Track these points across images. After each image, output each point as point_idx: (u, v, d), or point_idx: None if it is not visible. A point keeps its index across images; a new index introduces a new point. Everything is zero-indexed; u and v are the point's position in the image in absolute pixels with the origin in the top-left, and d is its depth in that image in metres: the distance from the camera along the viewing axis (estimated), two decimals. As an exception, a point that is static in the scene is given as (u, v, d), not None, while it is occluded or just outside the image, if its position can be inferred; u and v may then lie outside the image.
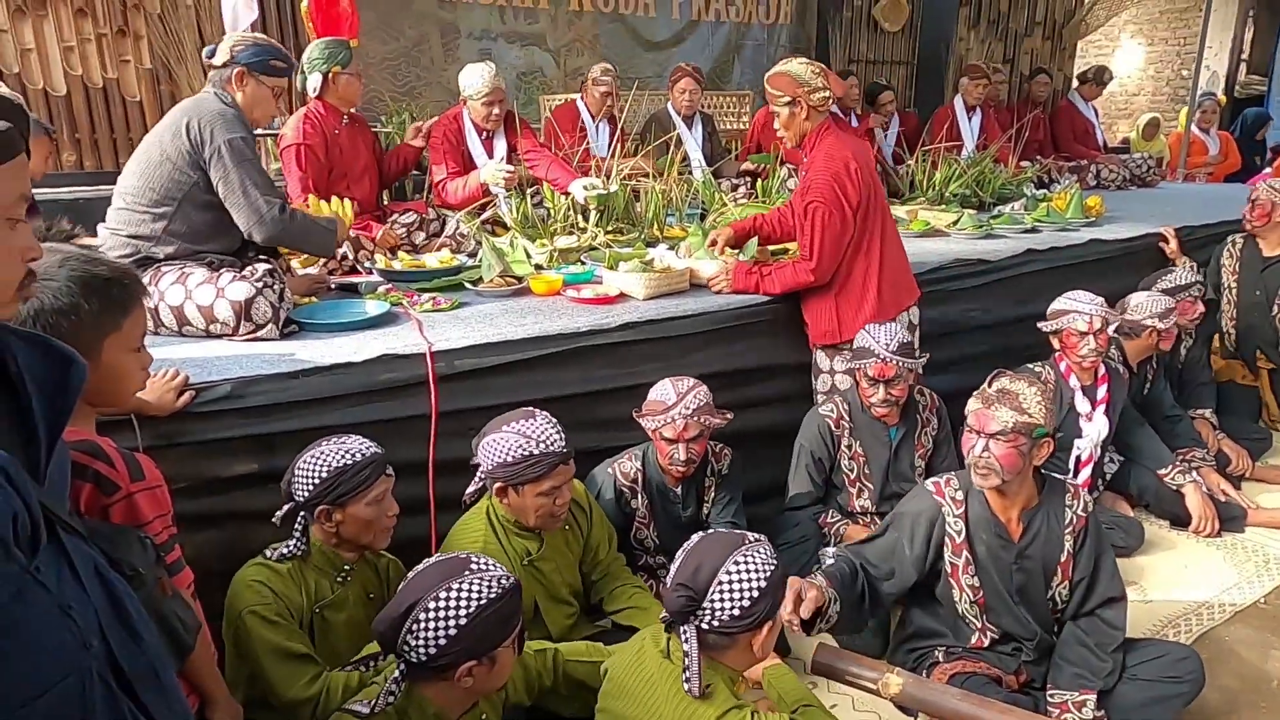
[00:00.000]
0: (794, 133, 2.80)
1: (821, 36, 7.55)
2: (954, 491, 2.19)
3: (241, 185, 2.41)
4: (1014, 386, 2.07)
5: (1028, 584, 2.15)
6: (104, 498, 1.32)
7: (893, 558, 2.20)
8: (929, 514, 2.19)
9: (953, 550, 2.16)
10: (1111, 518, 3.12)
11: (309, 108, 3.55)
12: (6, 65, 4.18)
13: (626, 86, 4.99)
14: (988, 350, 3.60)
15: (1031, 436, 2.03)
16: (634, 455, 2.51)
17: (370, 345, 2.40)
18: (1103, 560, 2.14)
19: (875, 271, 2.83)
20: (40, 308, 1.29)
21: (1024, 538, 2.14)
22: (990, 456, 2.03)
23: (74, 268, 1.33)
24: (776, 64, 2.83)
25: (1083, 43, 9.45)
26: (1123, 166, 6.52)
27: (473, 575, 1.54)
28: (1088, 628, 2.14)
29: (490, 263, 3.06)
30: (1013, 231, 4.37)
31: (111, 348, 1.37)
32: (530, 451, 1.97)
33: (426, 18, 5.76)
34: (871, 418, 2.74)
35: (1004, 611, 2.17)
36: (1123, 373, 3.26)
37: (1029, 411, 2.03)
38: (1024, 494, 2.13)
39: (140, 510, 1.36)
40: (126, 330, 1.40)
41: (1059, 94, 7.88)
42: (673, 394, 2.37)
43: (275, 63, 2.54)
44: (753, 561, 1.60)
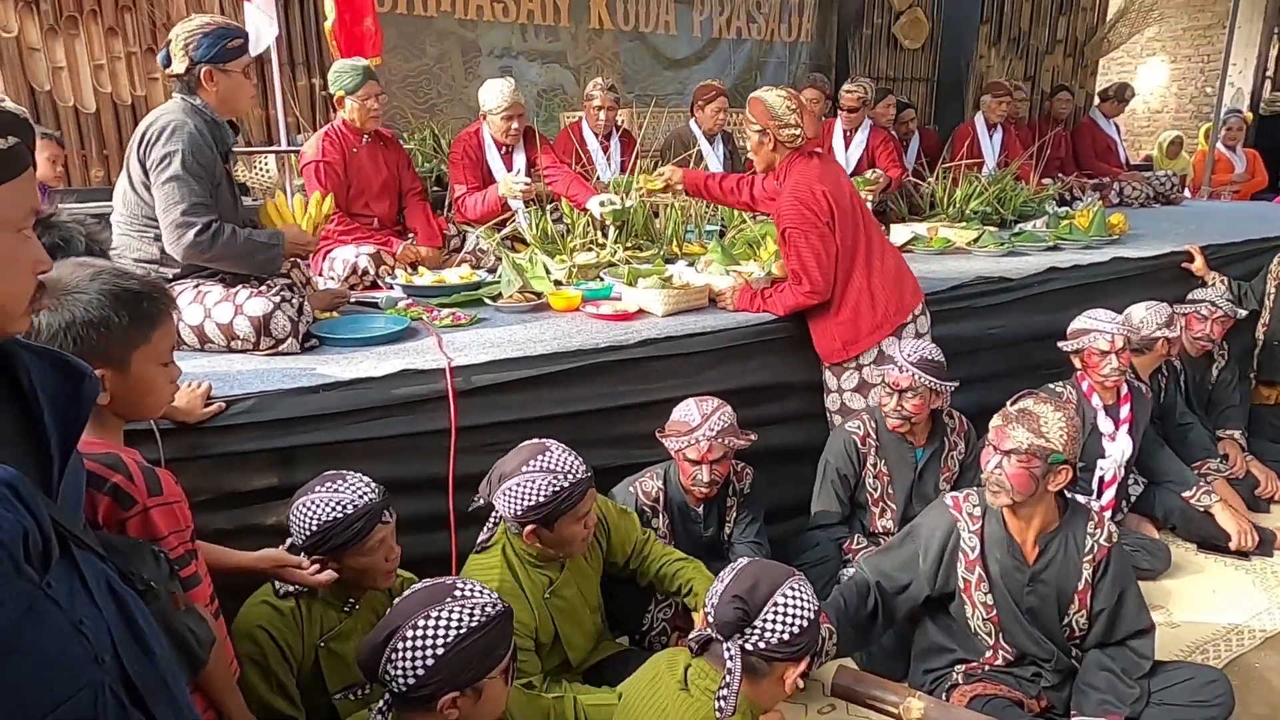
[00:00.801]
0: (760, 159, 2.85)
1: (841, 53, 7.57)
2: (971, 507, 2.17)
3: (165, 201, 2.31)
4: (1037, 409, 2.04)
5: (1041, 607, 2.12)
6: (121, 511, 1.33)
7: (908, 571, 2.19)
8: (945, 528, 2.17)
9: (966, 566, 2.14)
10: (1137, 540, 3.07)
11: (331, 125, 3.59)
12: (39, 83, 4.25)
13: (645, 104, 5.00)
14: (1009, 368, 3.57)
15: (1046, 460, 2.00)
16: (655, 474, 2.49)
17: (390, 360, 2.40)
18: (1127, 593, 2.10)
19: (871, 284, 2.84)
20: (71, 320, 1.31)
21: (1038, 561, 2.11)
22: (1002, 474, 2.02)
23: (105, 281, 1.35)
24: (759, 89, 2.86)
25: (1105, 60, 9.41)
26: (1146, 184, 6.46)
27: (455, 602, 1.45)
28: (1115, 655, 2.10)
29: (510, 278, 3.07)
30: (1034, 249, 4.33)
31: (140, 360, 1.39)
32: (561, 486, 1.91)
33: (448, 36, 5.82)
34: (898, 437, 2.71)
35: (1018, 631, 2.14)
36: (1145, 391, 3.22)
37: (1046, 435, 2.00)
38: (1041, 516, 2.10)
39: (156, 525, 1.36)
40: (155, 343, 1.41)
41: (1080, 111, 7.84)
42: (697, 415, 2.35)
43: (233, 44, 2.39)
44: (805, 592, 1.60)
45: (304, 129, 4.87)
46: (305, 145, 3.65)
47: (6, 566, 0.81)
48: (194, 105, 2.39)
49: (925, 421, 2.72)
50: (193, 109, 2.39)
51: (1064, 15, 8.37)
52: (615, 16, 6.52)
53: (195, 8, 4.59)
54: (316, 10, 4.73)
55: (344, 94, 3.48)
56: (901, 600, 2.20)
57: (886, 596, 2.18)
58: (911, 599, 2.20)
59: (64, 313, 1.30)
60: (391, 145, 3.77)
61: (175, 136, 2.31)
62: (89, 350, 1.30)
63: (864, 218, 2.90)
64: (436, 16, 5.72)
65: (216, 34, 2.36)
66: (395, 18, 5.49)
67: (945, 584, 2.18)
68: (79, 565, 0.92)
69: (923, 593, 2.18)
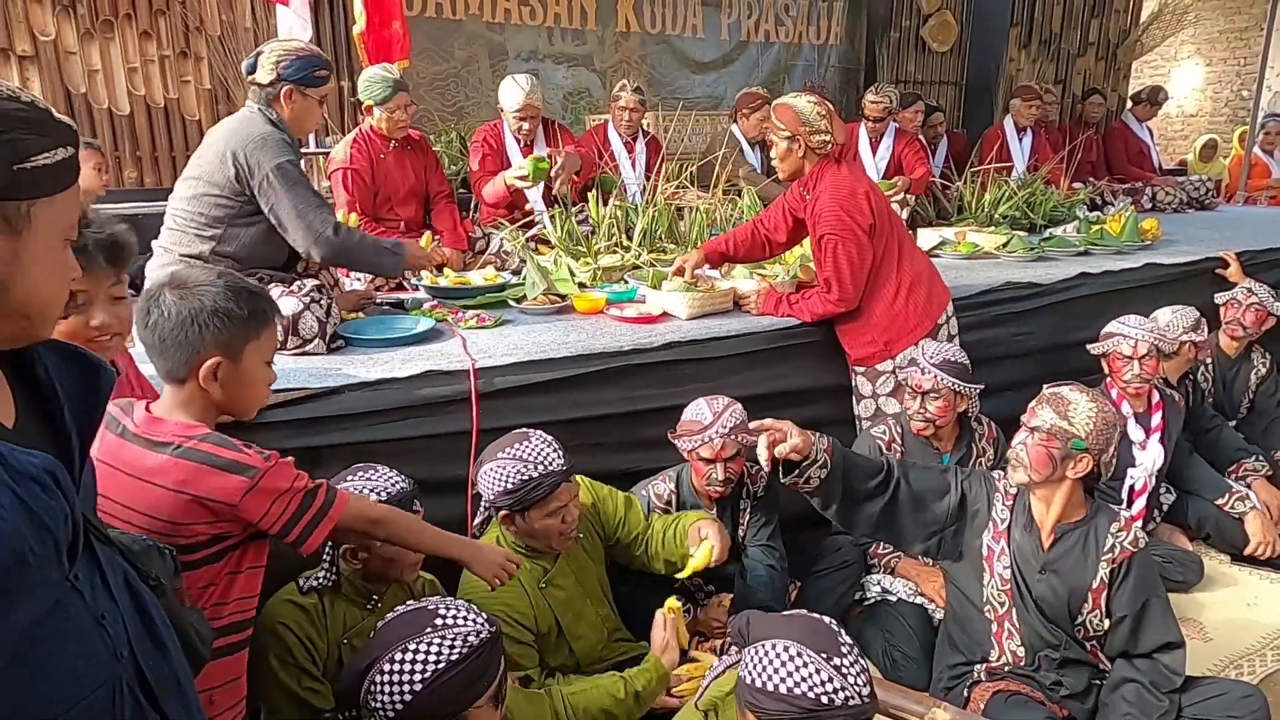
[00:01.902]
0: (788, 167, 2.81)
1: (869, 57, 7.52)
2: (1009, 485, 2.18)
3: (295, 209, 2.43)
4: (1069, 395, 2.06)
5: (1049, 597, 2.09)
6: (248, 480, 1.40)
7: (935, 494, 2.18)
8: (985, 488, 2.19)
9: (993, 535, 2.15)
10: (1168, 551, 3.01)
11: (359, 130, 3.61)
12: (74, 86, 4.32)
13: (671, 107, 5.00)
14: (1039, 376, 3.49)
15: (1066, 444, 1.99)
16: (668, 477, 2.48)
17: (415, 361, 2.42)
18: (1152, 604, 2.06)
19: (905, 286, 2.83)
20: (200, 307, 1.42)
21: (1053, 549, 2.09)
22: (1023, 449, 2.04)
23: (229, 279, 1.48)
24: (785, 95, 2.85)
25: (1138, 63, 9.27)
26: (1179, 189, 6.36)
27: (435, 633, 1.40)
28: (1143, 667, 2.06)
29: (534, 280, 3.08)
30: (1064, 254, 4.28)
31: (251, 354, 1.49)
32: (529, 475, 1.93)
33: (476, 39, 5.85)
34: (924, 443, 2.69)
35: (1028, 614, 2.13)
36: (1178, 399, 3.16)
37: (1071, 419, 2.01)
38: (1060, 504, 2.08)
39: (282, 477, 1.45)
40: (264, 341, 1.52)
41: (1112, 115, 7.73)
42: (709, 413, 2.35)
43: (319, 73, 2.53)
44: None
45: (333, 131, 4.91)
46: (334, 150, 3.68)
47: (50, 552, 0.82)
48: (270, 118, 2.49)
49: (952, 426, 2.69)
50: (270, 121, 2.48)
51: (1096, 18, 8.25)
52: (642, 19, 6.52)
53: (227, 11, 4.65)
54: (346, 14, 4.77)
55: (373, 104, 3.50)
56: (908, 519, 2.16)
57: (898, 497, 2.15)
58: (918, 522, 2.17)
59: (194, 300, 1.42)
60: (419, 148, 3.79)
61: (280, 148, 2.44)
62: (212, 337, 1.42)
63: (895, 222, 2.89)
64: (465, 19, 5.75)
65: (308, 60, 2.51)
66: (424, 21, 5.52)
67: (956, 538, 2.18)
68: (99, 559, 0.93)
69: (934, 528, 2.17)
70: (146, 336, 1.44)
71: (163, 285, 1.45)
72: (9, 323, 0.88)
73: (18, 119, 0.84)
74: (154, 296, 1.44)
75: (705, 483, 2.38)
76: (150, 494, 1.37)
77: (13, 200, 0.84)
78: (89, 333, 1.51)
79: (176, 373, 1.44)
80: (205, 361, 1.42)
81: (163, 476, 1.37)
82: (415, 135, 3.79)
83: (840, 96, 7.75)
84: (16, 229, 0.85)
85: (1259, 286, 3.66)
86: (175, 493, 1.37)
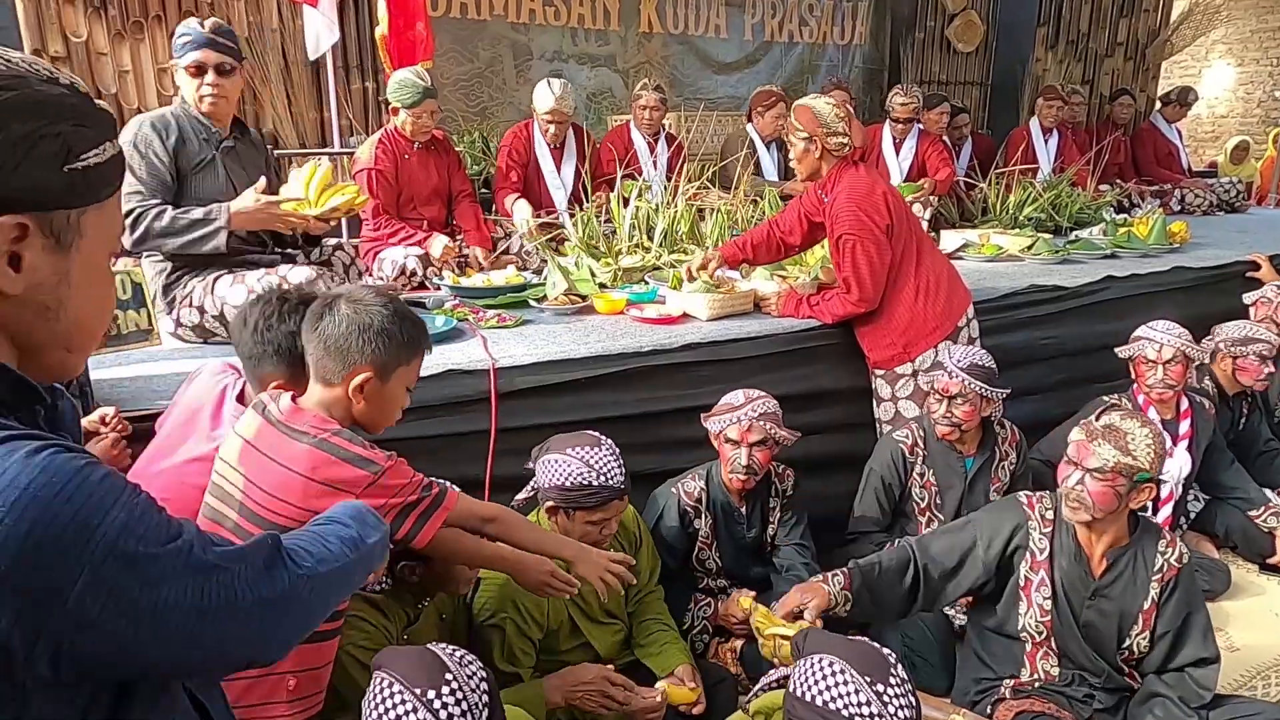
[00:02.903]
0: (805, 168, 2.81)
1: (894, 57, 7.47)
2: (1045, 509, 2.12)
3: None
4: (1124, 425, 1.97)
5: (1099, 622, 2.06)
6: (375, 476, 1.46)
7: (961, 556, 2.13)
8: (1014, 522, 2.12)
9: (1031, 566, 2.09)
10: (1195, 560, 2.95)
11: (385, 131, 3.64)
12: (105, 86, 4.38)
13: (691, 107, 5.00)
14: (1064, 380, 3.49)
15: (1132, 479, 1.93)
16: (698, 475, 2.49)
17: (435, 360, 2.42)
18: (1194, 617, 2.03)
19: (925, 288, 2.81)
20: (369, 323, 1.49)
21: (1105, 575, 2.05)
22: (1084, 491, 1.95)
23: (399, 305, 1.55)
24: (806, 96, 2.86)
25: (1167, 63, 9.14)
26: (1209, 191, 6.27)
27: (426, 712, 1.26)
28: (1173, 682, 2.02)
29: (555, 280, 3.09)
30: (1090, 257, 4.22)
31: (399, 377, 1.55)
32: (589, 481, 1.94)
33: (500, 39, 5.88)
34: (947, 446, 2.67)
35: (1070, 641, 2.09)
36: (1208, 407, 3.10)
37: (1134, 453, 1.93)
38: (1114, 532, 2.04)
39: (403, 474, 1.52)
40: (412, 368, 1.58)
41: (1141, 116, 7.63)
42: (742, 397, 2.38)
43: (180, 39, 2.51)
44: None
45: (357, 132, 4.95)
46: (359, 150, 3.70)
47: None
48: (180, 101, 2.56)
49: (976, 430, 2.67)
50: (177, 106, 2.56)
51: (1125, 17, 8.15)
52: (665, 20, 6.52)
53: (254, 13, 4.69)
54: (371, 16, 4.81)
55: (400, 106, 3.52)
56: (949, 587, 2.13)
57: (930, 579, 2.12)
58: (959, 587, 2.14)
59: (364, 316, 1.49)
60: (442, 148, 3.82)
61: (130, 127, 2.46)
62: (370, 353, 1.48)
63: (914, 224, 2.88)
64: (489, 20, 5.78)
65: (180, 33, 2.51)
66: (448, 21, 5.56)
67: (1001, 579, 2.13)
68: None
69: (977, 581, 2.13)
70: (312, 339, 1.52)
71: (340, 296, 1.54)
72: (47, 355, 0.79)
73: (64, 107, 0.73)
74: (330, 303, 1.53)
75: (730, 470, 2.37)
76: (288, 480, 1.44)
77: (63, 210, 0.74)
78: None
79: (330, 376, 1.51)
80: (358, 374, 1.50)
81: (298, 463, 1.44)
82: (439, 135, 3.81)
83: (864, 97, 7.70)
84: (66, 245, 0.75)
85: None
86: (306, 479, 1.43)
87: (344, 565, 1.03)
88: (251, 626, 0.86)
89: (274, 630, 0.90)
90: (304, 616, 0.95)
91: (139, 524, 0.75)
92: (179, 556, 0.78)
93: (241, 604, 0.84)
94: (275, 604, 0.88)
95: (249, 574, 0.85)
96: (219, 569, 0.82)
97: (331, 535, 1.06)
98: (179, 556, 0.78)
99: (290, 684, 1.50)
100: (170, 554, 0.77)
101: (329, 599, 1.00)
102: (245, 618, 0.85)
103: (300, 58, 4.75)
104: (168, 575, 0.76)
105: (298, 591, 0.92)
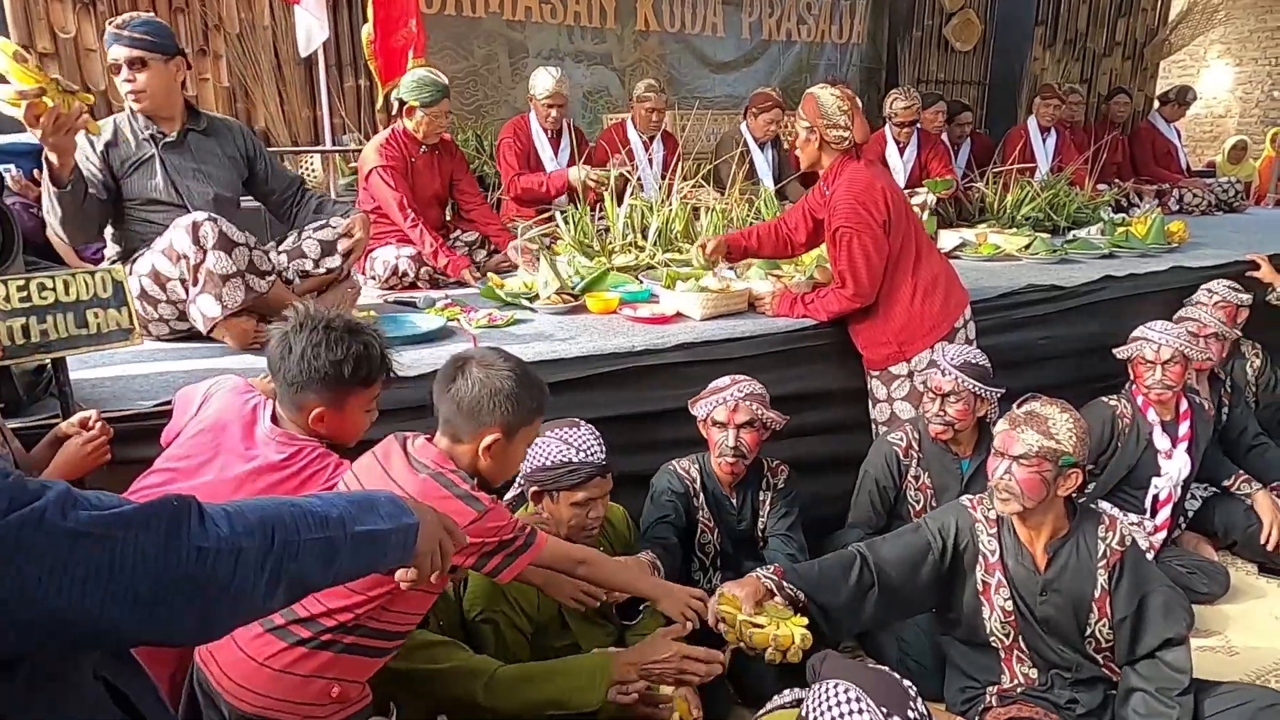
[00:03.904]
0: (806, 157, 2.81)
1: (891, 56, 7.44)
2: (986, 510, 2.11)
3: None
4: (1044, 411, 1.99)
5: (1057, 618, 2.04)
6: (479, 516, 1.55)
7: (916, 556, 2.08)
8: (964, 526, 2.10)
9: (985, 569, 2.08)
10: (1193, 562, 2.93)
11: (392, 131, 3.55)
12: (94, 83, 4.35)
13: (687, 106, 4.96)
14: (1060, 381, 3.45)
15: (1056, 463, 1.94)
16: (692, 459, 2.50)
17: (425, 359, 2.39)
18: (1151, 599, 2.00)
19: (922, 288, 2.79)
20: (499, 389, 1.60)
21: (1049, 569, 2.03)
22: (1012, 480, 1.96)
23: (522, 368, 1.66)
24: (813, 86, 2.81)
25: (1166, 63, 9.12)
26: (1208, 191, 6.24)
27: None
28: (1147, 672, 1.99)
29: (547, 279, 3.05)
30: (1088, 257, 4.20)
31: (522, 436, 1.67)
32: (569, 458, 1.97)
33: (496, 37, 5.84)
34: (942, 448, 2.63)
35: (1035, 639, 2.07)
36: (1208, 408, 3.07)
37: (1056, 437, 1.95)
38: (1050, 523, 2.03)
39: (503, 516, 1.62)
40: (533, 428, 1.70)
41: (1139, 115, 7.61)
42: (728, 380, 2.39)
43: (114, 27, 2.49)
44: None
45: (349, 130, 4.92)
46: (364, 152, 3.59)
47: None
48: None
49: (971, 431, 2.64)
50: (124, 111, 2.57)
51: (1124, 16, 8.13)
52: (662, 18, 6.49)
53: (246, 10, 4.66)
54: (363, 13, 4.77)
55: (417, 105, 3.43)
56: (907, 590, 2.08)
57: (884, 577, 2.06)
58: (918, 590, 2.09)
59: (494, 381, 1.60)
60: (448, 151, 3.74)
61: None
62: (500, 416, 1.60)
63: (914, 222, 2.85)
64: (484, 17, 5.74)
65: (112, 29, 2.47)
66: (443, 19, 5.52)
67: (957, 586, 2.10)
68: None
69: (924, 598, 2.11)
70: (445, 399, 1.63)
71: (470, 359, 1.65)
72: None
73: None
74: (461, 367, 1.64)
75: (718, 454, 2.37)
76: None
77: None
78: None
79: (460, 435, 1.62)
80: (487, 435, 1.61)
81: (409, 485, 1.53)
82: (446, 138, 3.74)
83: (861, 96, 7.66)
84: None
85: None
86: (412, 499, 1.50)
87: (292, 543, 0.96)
88: (149, 601, 0.81)
89: (185, 606, 0.84)
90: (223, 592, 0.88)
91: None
92: (27, 527, 0.75)
93: (124, 575, 0.79)
94: (179, 577, 0.83)
95: (144, 546, 0.81)
96: (89, 537, 0.78)
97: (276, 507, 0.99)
98: (27, 527, 0.75)
99: (334, 691, 1.55)
100: (16, 524, 0.74)
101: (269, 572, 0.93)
102: (135, 591, 0.80)
103: (292, 55, 4.72)
104: (16, 550, 0.74)
105: (209, 564, 0.86)
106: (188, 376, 2.13)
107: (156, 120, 2.59)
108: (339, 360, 1.64)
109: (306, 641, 1.50)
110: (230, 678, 1.51)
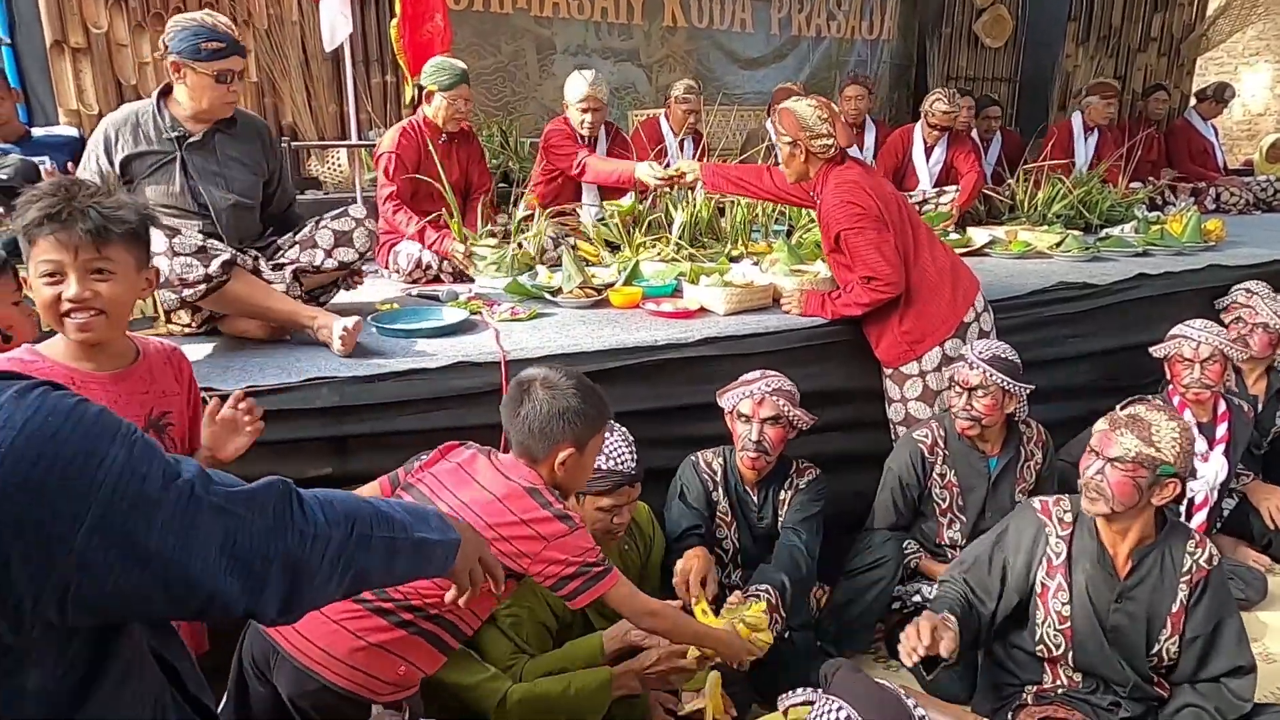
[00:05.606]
0: (792, 171, 2.77)
1: (921, 52, 7.36)
2: (1062, 512, 2.04)
3: None
4: (1148, 416, 1.89)
5: (1126, 626, 1.98)
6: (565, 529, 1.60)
7: (996, 584, 2.06)
8: (1032, 531, 2.05)
9: (1047, 571, 2.02)
10: (1230, 566, 2.85)
11: (411, 120, 3.56)
12: (125, 77, 4.40)
13: (711, 100, 4.94)
14: (1093, 381, 3.39)
15: (1154, 471, 1.86)
16: (717, 451, 2.49)
17: (447, 352, 2.39)
18: (1227, 623, 1.94)
19: (926, 283, 2.74)
20: (567, 407, 1.64)
21: (1131, 576, 1.97)
22: (1103, 480, 1.88)
23: (584, 383, 1.71)
24: (787, 100, 2.78)
25: (1203, 59, 8.94)
26: (1246, 189, 6.11)
27: None
28: (1207, 692, 1.94)
29: (570, 273, 3.04)
30: (1122, 255, 4.11)
31: (593, 446, 1.71)
32: (599, 465, 1.94)
33: (523, 33, 5.84)
34: (969, 446, 2.58)
35: (1095, 650, 2.00)
36: (1247, 410, 2.99)
37: (1157, 445, 1.85)
38: (1137, 530, 1.95)
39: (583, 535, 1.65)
40: (600, 435, 1.74)
41: (1175, 112, 7.47)
42: (758, 374, 2.37)
43: (207, 45, 2.32)
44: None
45: (375, 125, 4.93)
46: (383, 136, 3.63)
47: None
48: (162, 91, 2.44)
49: (999, 428, 2.58)
50: (150, 104, 2.43)
51: (1159, 12, 7.99)
52: (689, 14, 6.46)
53: (274, 5, 4.70)
54: (390, 8, 4.79)
55: (435, 89, 3.43)
56: (999, 611, 2.08)
57: (983, 613, 2.06)
58: (1005, 609, 2.08)
59: (560, 400, 1.64)
60: (465, 139, 3.72)
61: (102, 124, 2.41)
62: (571, 431, 1.64)
63: (910, 216, 2.80)
64: (512, 13, 5.75)
65: (194, 30, 2.33)
66: (471, 14, 5.53)
67: (1012, 582, 2.07)
68: None
69: (1011, 604, 2.06)
70: (515, 423, 1.66)
71: (534, 380, 1.68)
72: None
73: None
74: (526, 389, 1.67)
75: (741, 448, 2.35)
76: (480, 497, 1.60)
77: None
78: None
79: (535, 454, 1.66)
80: (560, 451, 1.64)
81: (497, 488, 1.60)
82: (466, 127, 3.73)
83: (891, 94, 7.60)
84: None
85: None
86: (500, 502, 1.59)
87: (366, 537, 1.02)
88: (260, 575, 0.87)
89: (278, 584, 0.90)
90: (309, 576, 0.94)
91: (140, 462, 0.77)
92: (181, 498, 0.80)
93: (243, 549, 0.85)
94: (280, 556, 0.89)
95: (259, 524, 0.87)
96: (224, 512, 0.83)
97: (356, 502, 1.05)
98: (181, 498, 0.80)
99: (400, 669, 1.57)
100: (174, 495, 0.79)
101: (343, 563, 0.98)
102: (250, 565, 0.86)
103: (319, 51, 4.75)
104: (172, 517, 0.79)
105: (307, 548, 0.92)
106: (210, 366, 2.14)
107: (196, 120, 2.46)
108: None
109: (387, 614, 1.53)
110: (300, 632, 1.52)
